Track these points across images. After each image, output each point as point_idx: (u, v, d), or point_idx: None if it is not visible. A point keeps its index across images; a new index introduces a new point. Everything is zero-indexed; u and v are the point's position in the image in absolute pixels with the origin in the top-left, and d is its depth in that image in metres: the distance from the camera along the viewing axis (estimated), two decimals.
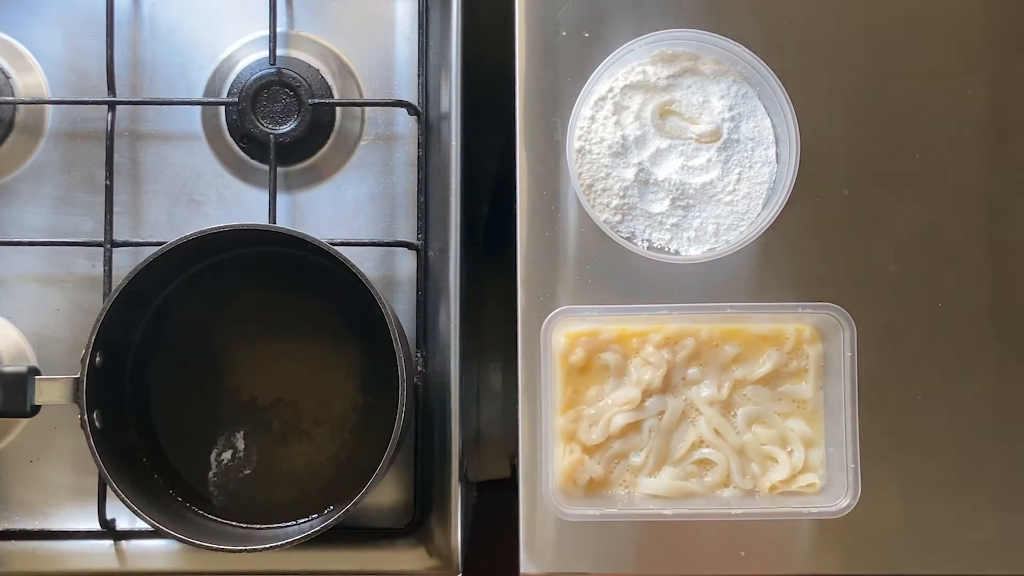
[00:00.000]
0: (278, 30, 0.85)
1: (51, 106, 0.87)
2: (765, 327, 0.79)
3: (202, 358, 0.84)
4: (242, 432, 0.83)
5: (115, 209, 0.84)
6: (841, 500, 0.76)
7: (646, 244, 0.79)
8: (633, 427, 0.78)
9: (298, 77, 0.85)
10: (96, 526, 0.82)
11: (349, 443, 0.83)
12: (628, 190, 0.78)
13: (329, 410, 0.83)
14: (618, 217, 0.79)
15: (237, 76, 0.87)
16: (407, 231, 0.86)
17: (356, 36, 0.88)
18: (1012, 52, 0.82)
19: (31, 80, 0.87)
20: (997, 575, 0.80)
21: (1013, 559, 0.80)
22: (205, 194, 0.87)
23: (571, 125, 0.79)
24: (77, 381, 0.75)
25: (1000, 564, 0.80)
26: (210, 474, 0.83)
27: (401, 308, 0.84)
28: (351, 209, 0.87)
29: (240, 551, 0.75)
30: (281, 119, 0.85)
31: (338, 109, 0.87)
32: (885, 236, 0.81)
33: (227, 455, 0.83)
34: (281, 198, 0.85)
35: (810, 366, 0.79)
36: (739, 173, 0.79)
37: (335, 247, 0.76)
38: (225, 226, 0.76)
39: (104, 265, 0.83)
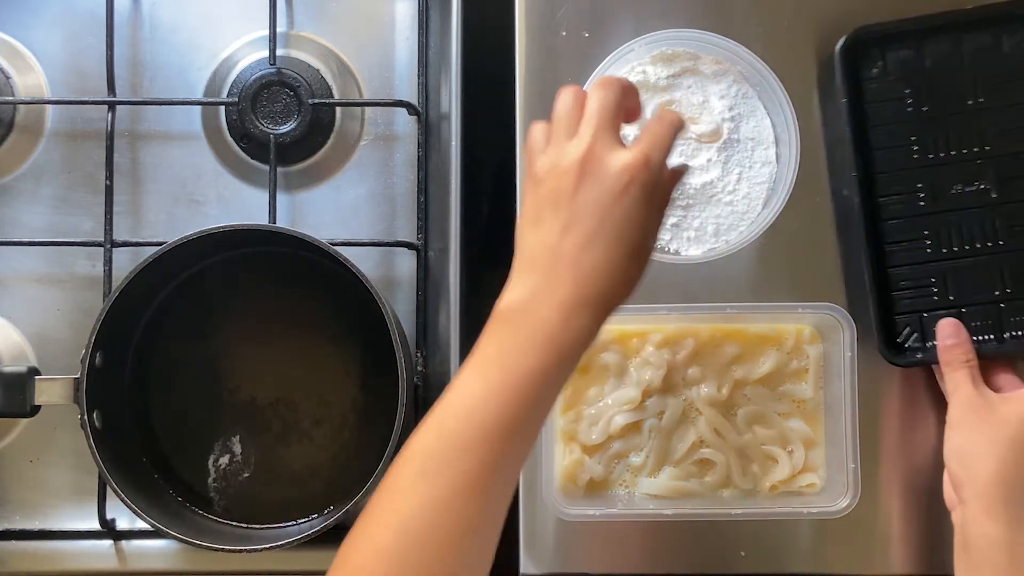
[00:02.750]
0: (278, 30, 0.85)
1: (51, 106, 0.87)
2: (765, 327, 0.79)
3: (202, 358, 0.84)
4: (242, 432, 0.83)
5: (115, 209, 0.84)
6: (841, 500, 0.76)
7: None
8: (633, 427, 0.78)
9: (298, 77, 0.85)
10: (96, 526, 0.82)
11: (349, 443, 0.83)
12: None
13: (329, 410, 0.83)
14: None
15: (237, 76, 0.87)
16: (407, 231, 0.86)
17: (356, 36, 0.88)
18: None
19: (31, 80, 0.87)
20: None
21: None
22: (205, 194, 0.87)
23: None
24: (77, 381, 0.75)
25: None
26: (210, 474, 0.83)
27: (401, 308, 0.84)
28: (351, 209, 0.87)
29: (240, 551, 0.75)
30: (281, 119, 0.85)
31: (338, 109, 0.87)
32: None
33: (226, 455, 0.83)
34: (281, 198, 0.85)
35: (810, 366, 0.79)
36: (739, 173, 0.79)
37: (335, 247, 0.76)
38: (225, 226, 0.76)
39: (104, 265, 0.83)
